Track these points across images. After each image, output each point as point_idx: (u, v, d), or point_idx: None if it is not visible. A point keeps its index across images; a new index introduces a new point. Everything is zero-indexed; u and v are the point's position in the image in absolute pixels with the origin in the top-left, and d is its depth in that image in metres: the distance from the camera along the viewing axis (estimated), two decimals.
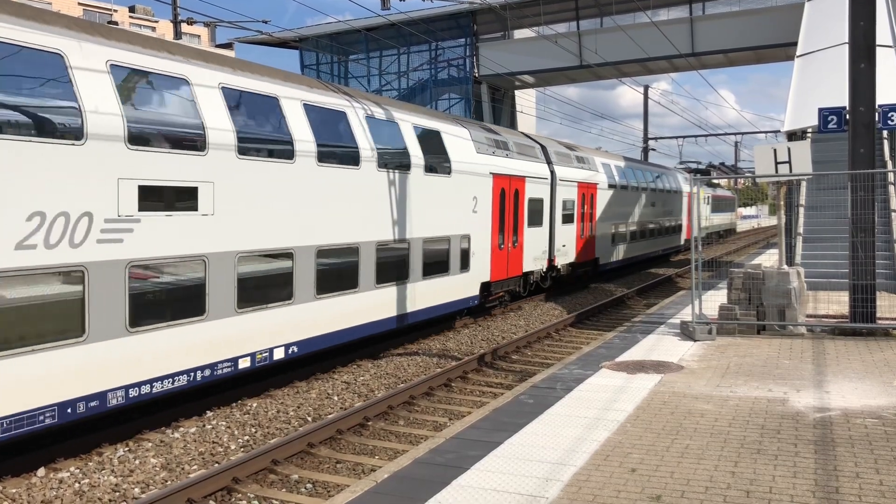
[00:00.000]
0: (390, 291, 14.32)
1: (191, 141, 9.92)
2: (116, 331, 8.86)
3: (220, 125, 10.40)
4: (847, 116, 12.51)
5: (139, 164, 9.15)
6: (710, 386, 9.19)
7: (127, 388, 9.04)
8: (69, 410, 8.36)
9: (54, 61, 8.39)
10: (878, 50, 12.64)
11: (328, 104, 12.91)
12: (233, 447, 9.35)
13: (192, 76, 10.21)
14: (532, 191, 20.79)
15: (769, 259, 24.02)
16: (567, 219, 23.48)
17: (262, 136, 11.32)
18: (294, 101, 12.08)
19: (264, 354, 11.20)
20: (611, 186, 27.81)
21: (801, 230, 18.66)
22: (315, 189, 12.25)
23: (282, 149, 11.58)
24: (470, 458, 6.71)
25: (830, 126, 13.80)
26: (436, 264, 15.90)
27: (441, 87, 42.94)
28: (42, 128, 8.09)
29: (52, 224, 8.13)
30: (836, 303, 14.34)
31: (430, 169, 15.53)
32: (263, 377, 11.96)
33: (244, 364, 10.82)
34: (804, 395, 8.68)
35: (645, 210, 32.32)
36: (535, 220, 21.23)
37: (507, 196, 19.28)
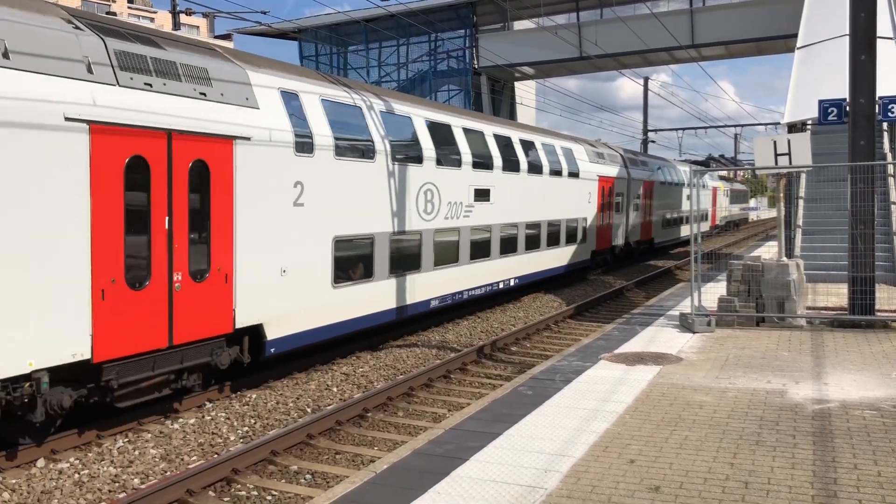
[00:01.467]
0: (554, 251, 22.69)
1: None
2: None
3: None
4: (847, 108, 12.48)
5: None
6: (708, 378, 9.20)
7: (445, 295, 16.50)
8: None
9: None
10: (879, 42, 12.60)
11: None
12: (232, 438, 9.37)
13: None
14: (617, 187, 28.33)
15: (768, 251, 24.03)
16: (635, 207, 31.00)
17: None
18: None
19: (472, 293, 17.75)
20: (661, 183, 35.55)
21: (800, 222, 18.64)
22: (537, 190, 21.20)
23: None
24: (469, 450, 6.72)
25: (831, 118, 13.79)
26: (571, 237, 23.89)
27: (440, 78, 42.84)
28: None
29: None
30: (835, 295, 14.35)
31: (570, 174, 23.59)
32: (260, 369, 11.96)
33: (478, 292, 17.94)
34: (803, 386, 8.69)
35: (684, 201, 40.40)
36: (619, 209, 28.84)
37: (605, 191, 26.88)
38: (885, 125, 19.92)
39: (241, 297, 10.48)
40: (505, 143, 19.37)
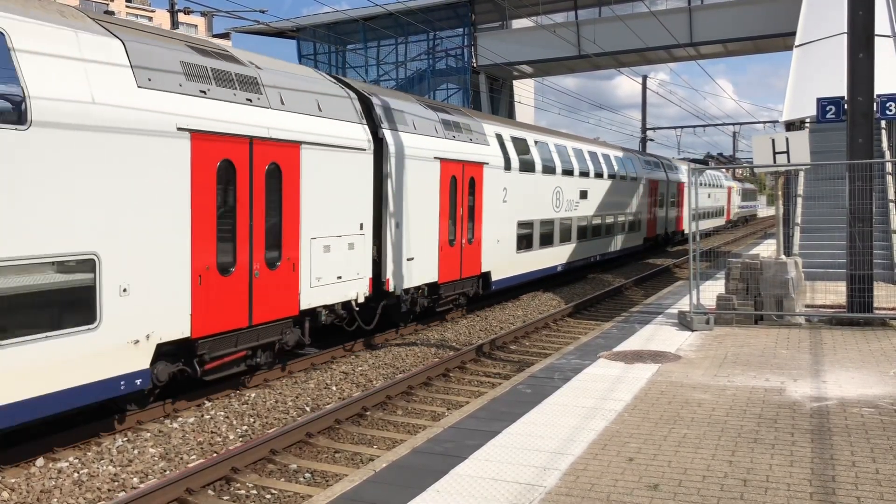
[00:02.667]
0: (622, 236, 29.99)
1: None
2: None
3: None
4: (845, 106, 12.49)
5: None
6: (707, 375, 9.21)
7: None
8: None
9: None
10: (877, 39, 12.61)
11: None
12: (231, 437, 9.37)
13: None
14: (660, 188, 35.09)
15: (767, 249, 24.05)
16: (671, 205, 37.84)
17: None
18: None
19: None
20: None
21: (798, 220, 18.66)
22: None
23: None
24: (468, 448, 6.73)
25: (829, 116, 13.79)
26: (632, 225, 31.11)
27: (439, 77, 42.80)
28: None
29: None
30: (834, 293, 14.37)
31: (632, 178, 30.64)
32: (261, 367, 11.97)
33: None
34: (801, 384, 8.70)
35: (709, 199, 49.55)
36: (661, 205, 35.46)
37: (653, 191, 33.70)
38: (883, 123, 19.94)
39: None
40: (592, 156, 26.14)
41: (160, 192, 9.19)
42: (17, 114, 7.54)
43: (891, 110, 13.49)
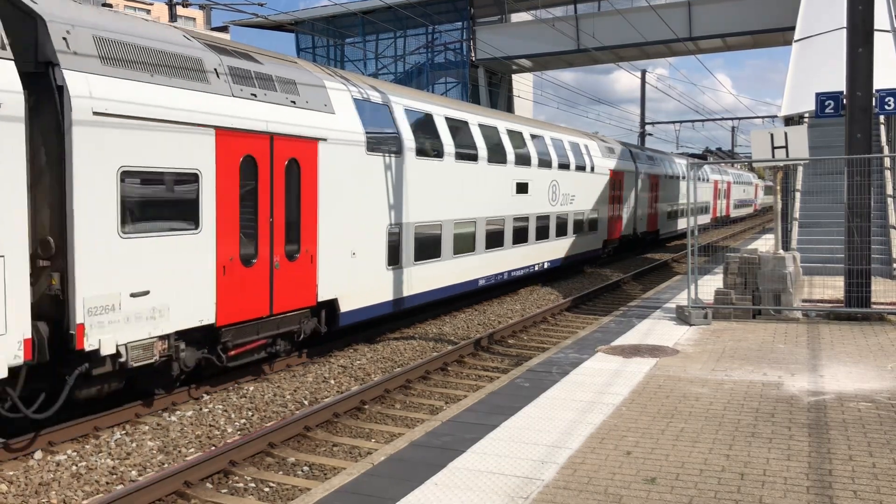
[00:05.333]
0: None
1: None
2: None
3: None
4: (844, 101, 12.49)
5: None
6: (705, 370, 9.23)
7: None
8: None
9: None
10: (876, 34, 12.59)
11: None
12: (229, 430, 9.38)
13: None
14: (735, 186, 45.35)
15: (765, 244, 24.06)
16: (720, 196, 45.33)
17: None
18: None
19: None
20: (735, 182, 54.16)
21: (797, 215, 18.66)
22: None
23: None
24: (466, 441, 6.74)
25: (828, 111, 13.77)
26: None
27: (438, 71, 42.73)
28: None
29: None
30: (832, 287, 14.38)
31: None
32: (262, 360, 11.97)
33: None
34: (799, 379, 8.72)
35: (738, 194, 59.18)
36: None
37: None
38: (881, 118, 19.93)
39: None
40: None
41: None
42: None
43: (889, 105, 13.47)
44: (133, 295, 8.99)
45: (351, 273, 13.05)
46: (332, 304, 12.70)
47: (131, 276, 8.97)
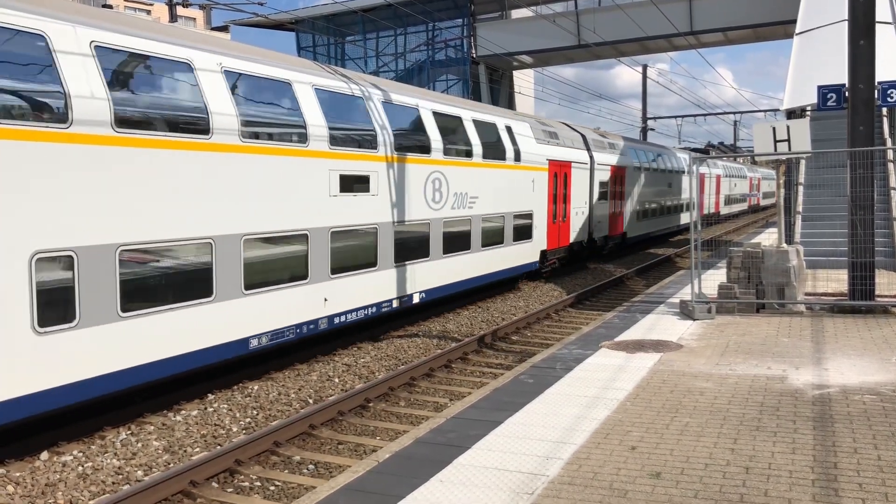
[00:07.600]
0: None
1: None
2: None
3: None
4: (846, 94, 12.45)
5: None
6: (709, 364, 9.22)
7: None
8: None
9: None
10: (878, 27, 12.56)
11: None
12: (235, 429, 9.40)
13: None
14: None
15: (768, 238, 24.03)
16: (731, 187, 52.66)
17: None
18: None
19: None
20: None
21: (800, 208, 18.64)
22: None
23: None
24: (471, 438, 6.74)
25: (830, 104, 13.73)
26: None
27: (438, 68, 42.68)
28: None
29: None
30: (835, 281, 14.36)
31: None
32: (264, 360, 12.00)
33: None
34: (803, 372, 8.71)
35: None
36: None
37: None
38: (884, 110, 19.89)
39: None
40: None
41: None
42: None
43: (892, 97, 13.43)
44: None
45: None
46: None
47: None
